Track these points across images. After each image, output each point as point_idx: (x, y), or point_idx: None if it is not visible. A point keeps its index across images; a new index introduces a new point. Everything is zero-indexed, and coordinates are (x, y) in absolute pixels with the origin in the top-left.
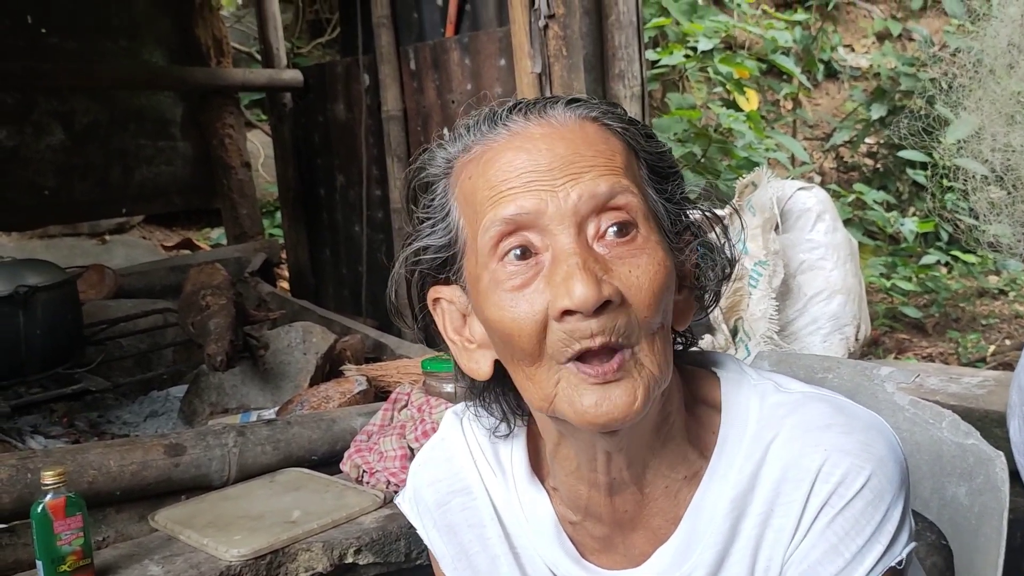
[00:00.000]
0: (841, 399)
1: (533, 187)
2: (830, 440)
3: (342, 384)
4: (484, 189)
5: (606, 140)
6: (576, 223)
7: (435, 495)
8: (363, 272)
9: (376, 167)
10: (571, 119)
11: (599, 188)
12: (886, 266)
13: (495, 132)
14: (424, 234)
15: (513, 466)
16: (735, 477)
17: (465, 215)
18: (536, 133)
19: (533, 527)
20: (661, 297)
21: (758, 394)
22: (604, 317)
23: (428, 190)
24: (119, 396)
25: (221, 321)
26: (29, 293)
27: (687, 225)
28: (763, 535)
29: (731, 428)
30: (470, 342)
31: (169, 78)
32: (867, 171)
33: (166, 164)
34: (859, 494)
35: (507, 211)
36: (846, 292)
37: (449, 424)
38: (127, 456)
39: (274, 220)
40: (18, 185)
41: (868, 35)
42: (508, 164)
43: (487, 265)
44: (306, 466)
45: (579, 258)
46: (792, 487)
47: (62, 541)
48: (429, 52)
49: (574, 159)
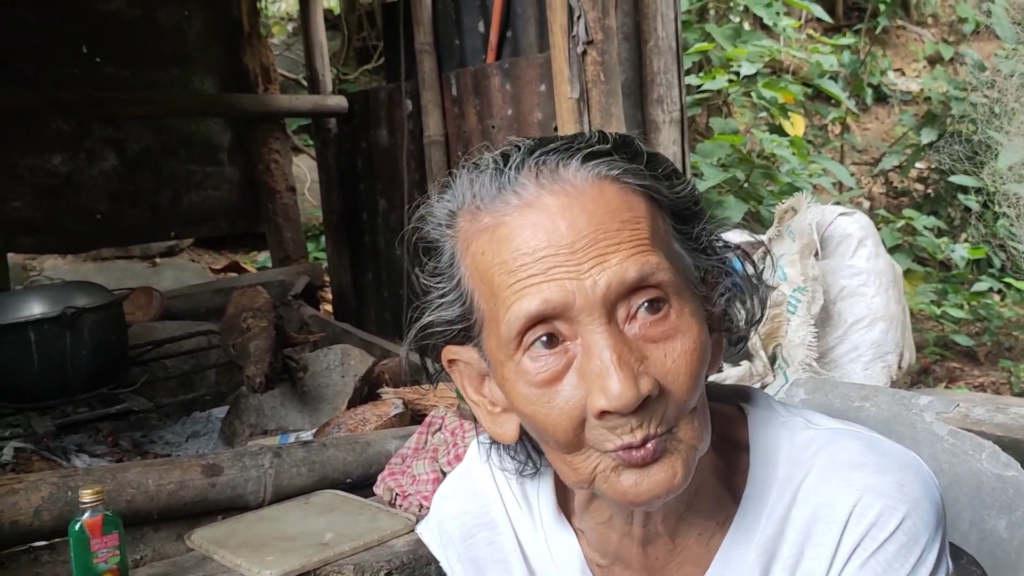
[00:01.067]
0: (874, 435)
1: (556, 274)
2: (863, 480)
3: (379, 407)
4: (501, 273)
5: (629, 205)
6: (606, 311)
7: (460, 528)
8: (404, 295)
9: (418, 192)
10: (588, 182)
11: (628, 274)
12: (936, 293)
13: (504, 200)
14: (434, 305)
15: (540, 504)
16: (765, 520)
17: (480, 293)
18: (552, 205)
19: (559, 567)
20: (699, 377)
21: (788, 431)
22: (644, 411)
23: (431, 254)
24: (162, 416)
25: (261, 343)
26: (76, 314)
27: (714, 265)
28: None
29: (760, 469)
30: (493, 405)
31: (218, 105)
32: (917, 196)
33: (214, 189)
34: (892, 536)
35: (531, 306)
36: (888, 319)
37: (475, 456)
38: (165, 475)
39: (319, 244)
40: (72, 210)
41: (919, 59)
42: (525, 245)
43: (511, 355)
44: (341, 488)
45: (614, 353)
46: (823, 528)
47: (98, 559)
48: (470, 78)
49: (597, 236)
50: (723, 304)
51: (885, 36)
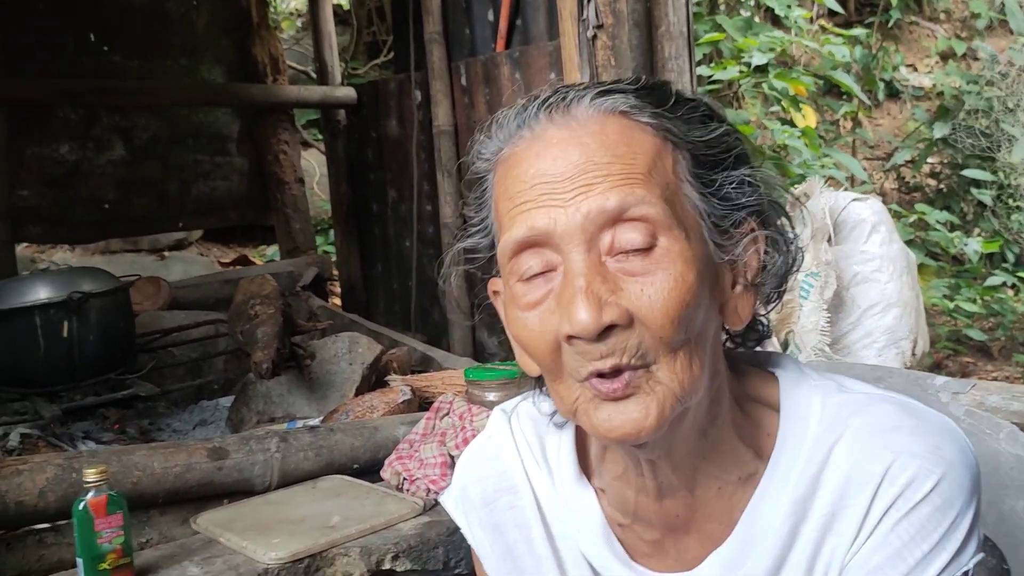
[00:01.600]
0: (909, 400)
1: (544, 201)
2: (898, 442)
3: (387, 394)
4: (503, 199)
5: (629, 140)
6: (586, 240)
7: (481, 493)
8: (413, 287)
9: (427, 182)
10: (592, 116)
11: (608, 203)
12: (949, 288)
13: (520, 134)
14: (470, 232)
15: (561, 465)
16: (796, 480)
17: (495, 220)
18: (554, 137)
19: (580, 527)
20: (679, 314)
21: (820, 394)
22: (611, 340)
23: (478, 184)
24: (169, 404)
25: (268, 330)
26: (83, 299)
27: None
28: (823, 539)
29: (791, 429)
30: None
31: (227, 95)
32: (929, 191)
33: (222, 179)
34: (927, 498)
35: (518, 233)
36: (902, 305)
37: (497, 422)
38: (171, 458)
39: (327, 238)
40: (80, 199)
41: (931, 54)
42: (524, 173)
43: (506, 278)
44: (348, 474)
45: (584, 279)
46: (856, 490)
47: (102, 539)
48: (480, 67)
49: (587, 167)
50: (749, 256)
51: (897, 31)
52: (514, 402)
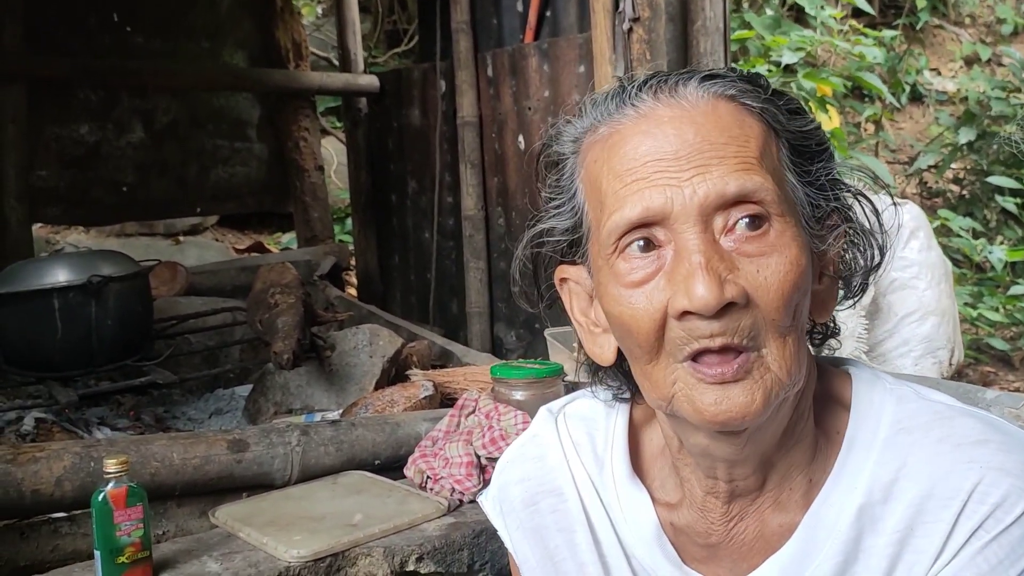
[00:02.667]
0: (991, 416)
1: (658, 180)
2: (987, 457)
3: (408, 388)
4: (609, 178)
5: (741, 123)
6: (702, 219)
7: (523, 494)
8: (431, 279)
9: (449, 174)
10: (704, 98)
11: (728, 187)
12: (972, 295)
13: (622, 112)
14: (550, 215)
15: (613, 464)
16: (864, 484)
17: (590, 200)
18: (664, 116)
19: (631, 529)
20: (791, 297)
21: (894, 397)
22: (726, 319)
23: (556, 168)
24: (185, 392)
25: (289, 319)
26: (102, 283)
27: (834, 208)
28: (899, 556)
29: (860, 428)
30: (595, 326)
31: (249, 80)
32: (952, 198)
33: (241, 165)
34: (1019, 520)
35: (632, 213)
36: (940, 314)
37: (542, 421)
38: (190, 449)
39: (345, 227)
40: (98, 181)
41: (956, 59)
42: (633, 151)
43: (608, 258)
44: (369, 469)
45: (702, 256)
46: (939, 505)
47: (121, 532)
48: (507, 58)
49: (703, 147)
50: (837, 247)
51: (922, 35)
52: (561, 402)
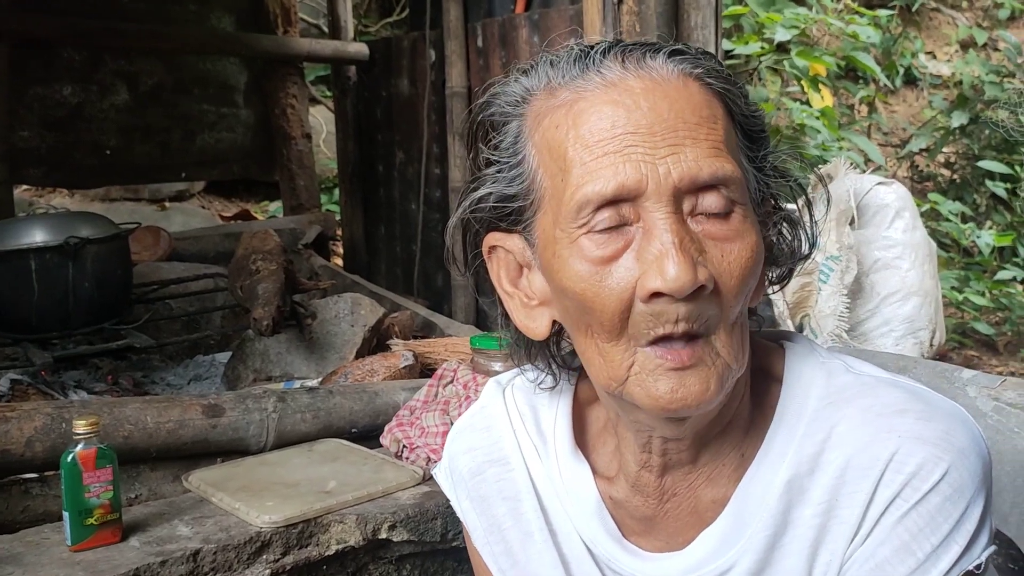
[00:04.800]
0: (918, 386)
1: (632, 154)
2: (905, 427)
3: (388, 358)
4: (577, 147)
5: (709, 104)
6: (674, 200)
7: (470, 464)
8: (417, 251)
9: (437, 145)
10: (673, 74)
11: (702, 173)
12: (959, 280)
13: (586, 78)
14: (490, 179)
15: (556, 439)
16: (792, 457)
17: (546, 168)
18: (636, 87)
19: (573, 502)
20: (749, 284)
21: (825, 371)
22: (694, 303)
23: (497, 129)
24: (165, 358)
25: (270, 286)
26: (80, 245)
27: (770, 195)
28: (826, 527)
29: (790, 403)
30: (529, 298)
31: (236, 44)
32: (943, 182)
33: (227, 131)
34: (936, 488)
35: (606, 188)
36: (923, 294)
37: (491, 393)
38: (164, 413)
39: (332, 197)
40: (81, 143)
41: (951, 43)
42: (605, 120)
43: (569, 231)
44: (346, 438)
45: (676, 236)
46: (859, 475)
47: (90, 493)
48: (497, 28)
49: (676, 125)
50: (771, 234)
51: (918, 17)
52: (510, 374)
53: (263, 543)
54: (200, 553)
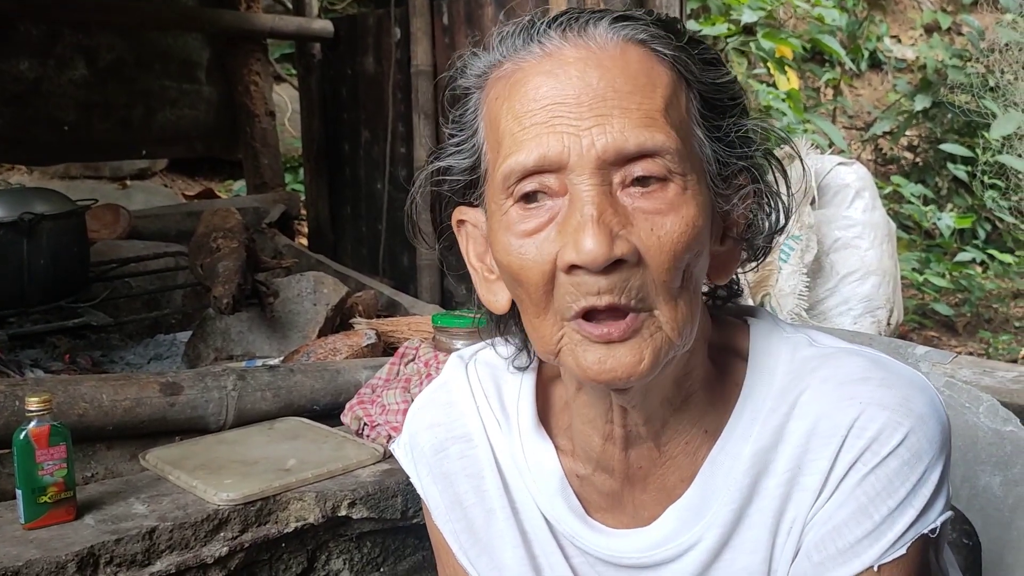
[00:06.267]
0: (879, 354)
1: (557, 125)
2: (866, 393)
3: (351, 337)
4: (508, 118)
5: (648, 71)
6: (600, 171)
7: (432, 440)
8: (382, 230)
9: (402, 124)
10: (613, 41)
11: (628, 144)
12: (919, 261)
13: (528, 49)
14: (448, 152)
15: (519, 416)
16: (758, 431)
17: (488, 140)
18: (570, 56)
19: (536, 480)
20: (682, 258)
21: (790, 346)
22: (615, 276)
23: (460, 102)
24: (124, 337)
25: (230, 264)
26: (35, 221)
27: (742, 168)
28: (789, 495)
29: (757, 379)
30: (490, 272)
31: (198, 19)
32: (906, 165)
33: (189, 108)
34: (894, 452)
35: (527, 160)
36: (881, 274)
37: (453, 368)
38: (121, 391)
39: (297, 176)
40: (38, 119)
41: (916, 27)
42: (535, 91)
43: (500, 203)
44: (307, 416)
45: (595, 209)
46: (822, 442)
47: (44, 471)
48: (463, 6)
49: (606, 93)
50: (743, 208)
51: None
52: (472, 349)
53: (221, 521)
54: (156, 531)
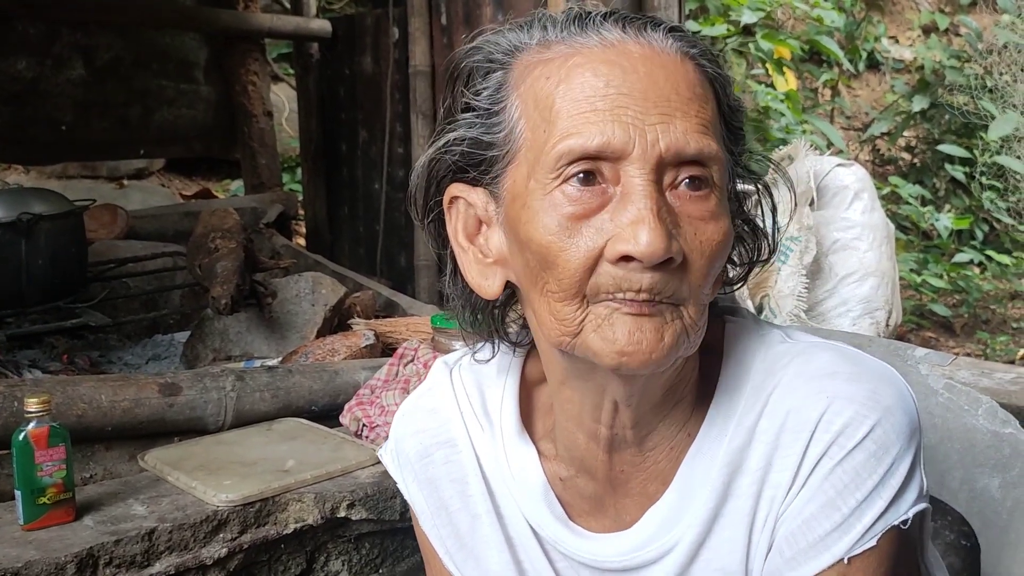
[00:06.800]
0: (850, 348)
1: (622, 115)
2: (834, 388)
3: (349, 337)
4: (566, 100)
5: (701, 84)
6: (657, 169)
7: (417, 446)
8: (380, 231)
9: (400, 124)
10: (671, 48)
11: (689, 147)
12: (917, 262)
13: (586, 36)
14: (465, 124)
15: (502, 420)
16: (732, 430)
17: (529, 119)
18: (635, 52)
19: (519, 485)
20: (716, 268)
21: (764, 344)
22: (660, 274)
23: (481, 76)
24: (122, 337)
25: (228, 264)
26: (33, 221)
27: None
28: (761, 492)
29: (730, 379)
30: (484, 255)
31: (196, 19)
32: (903, 165)
33: (187, 107)
34: (860, 445)
35: (591, 143)
36: (879, 275)
37: (438, 373)
38: (119, 392)
39: (294, 176)
40: (36, 119)
41: (914, 27)
42: (600, 78)
43: (544, 182)
44: (306, 417)
45: (655, 204)
46: (791, 438)
47: (43, 472)
48: (461, 7)
49: (670, 95)
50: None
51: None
52: (457, 354)
53: (220, 522)
54: (155, 532)
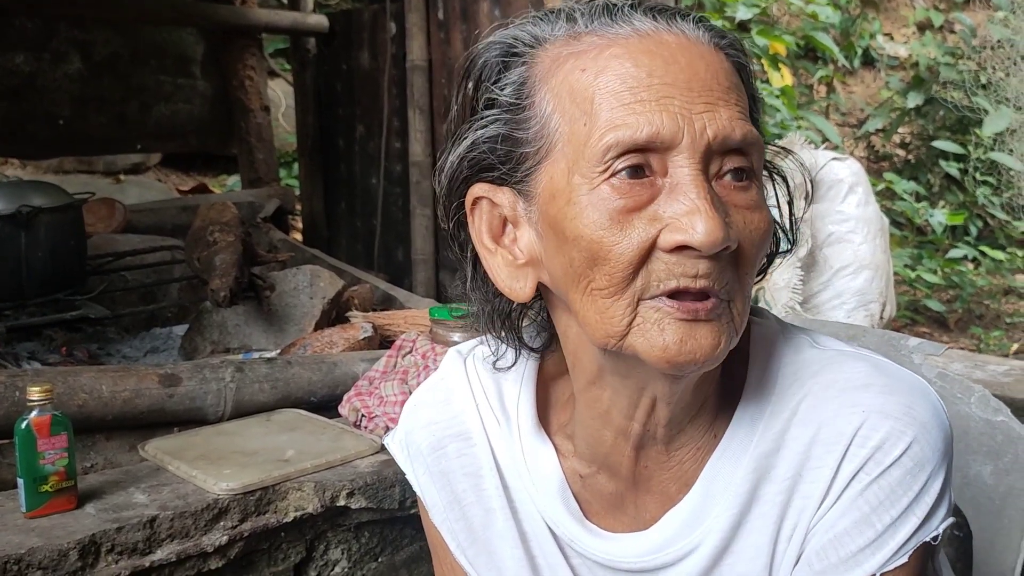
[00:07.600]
0: (881, 359)
1: (668, 105)
2: (869, 401)
3: (347, 330)
4: (606, 92)
5: (735, 74)
6: (705, 158)
7: (430, 438)
8: (377, 225)
9: (397, 119)
10: (704, 38)
11: (735, 134)
12: (912, 258)
13: (618, 26)
14: (490, 119)
15: (519, 415)
16: (759, 436)
17: (564, 112)
18: (671, 42)
19: (535, 482)
20: (761, 257)
21: (791, 348)
22: (715, 262)
23: (503, 71)
24: (121, 330)
25: (227, 257)
26: (32, 214)
27: None
28: (790, 502)
29: (756, 382)
30: (515, 256)
31: (193, 14)
32: (898, 161)
33: (184, 102)
34: (898, 461)
35: (640, 134)
36: (874, 268)
37: (451, 363)
38: (120, 382)
39: (291, 171)
40: (33, 114)
41: (909, 24)
42: (641, 68)
43: (590, 176)
44: (304, 408)
45: (708, 194)
46: (824, 450)
47: (45, 460)
48: (458, 2)
49: (712, 84)
50: None
51: None
52: (471, 344)
53: (221, 510)
54: (157, 520)
